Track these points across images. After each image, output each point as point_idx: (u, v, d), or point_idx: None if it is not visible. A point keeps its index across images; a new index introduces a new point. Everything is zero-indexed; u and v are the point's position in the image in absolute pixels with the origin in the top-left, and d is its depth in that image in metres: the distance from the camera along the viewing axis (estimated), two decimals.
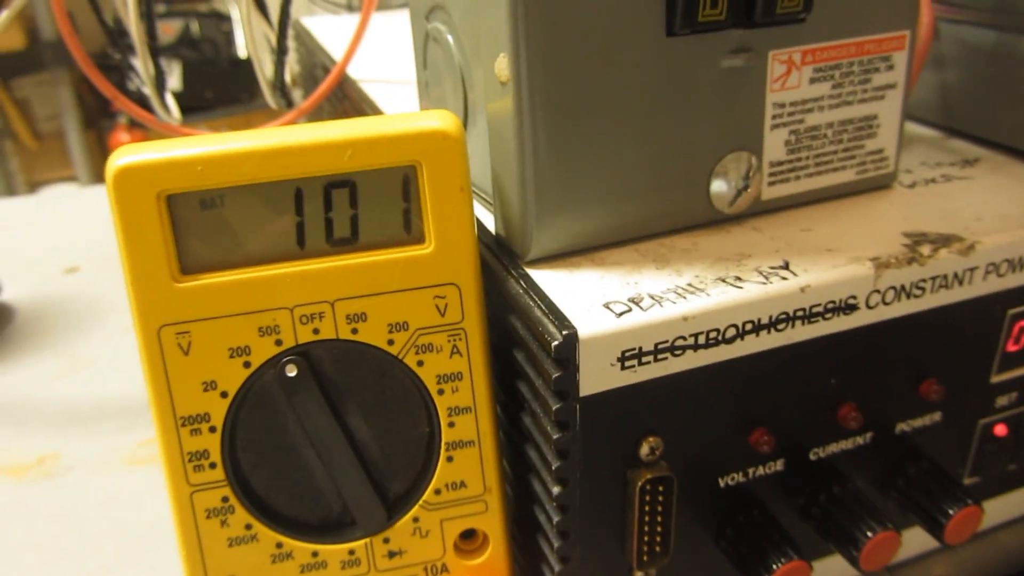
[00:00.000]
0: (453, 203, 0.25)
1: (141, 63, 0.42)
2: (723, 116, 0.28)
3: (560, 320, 0.24)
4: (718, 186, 0.28)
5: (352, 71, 0.49)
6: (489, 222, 0.29)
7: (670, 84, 0.26)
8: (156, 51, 0.43)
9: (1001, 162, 0.34)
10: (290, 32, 0.69)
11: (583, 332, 0.23)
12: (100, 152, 2.21)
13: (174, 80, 2.20)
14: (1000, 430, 0.32)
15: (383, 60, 0.53)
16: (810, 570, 0.27)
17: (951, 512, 0.29)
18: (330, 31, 0.63)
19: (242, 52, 2.11)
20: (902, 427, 0.30)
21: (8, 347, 0.52)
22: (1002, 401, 0.32)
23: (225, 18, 2.31)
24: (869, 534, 0.28)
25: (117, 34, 0.51)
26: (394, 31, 0.61)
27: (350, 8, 0.76)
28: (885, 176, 0.31)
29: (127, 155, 0.24)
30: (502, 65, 0.25)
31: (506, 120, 0.26)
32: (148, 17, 0.41)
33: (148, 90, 0.41)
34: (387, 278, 0.25)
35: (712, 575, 0.30)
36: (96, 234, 0.66)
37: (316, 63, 0.58)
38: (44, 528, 0.38)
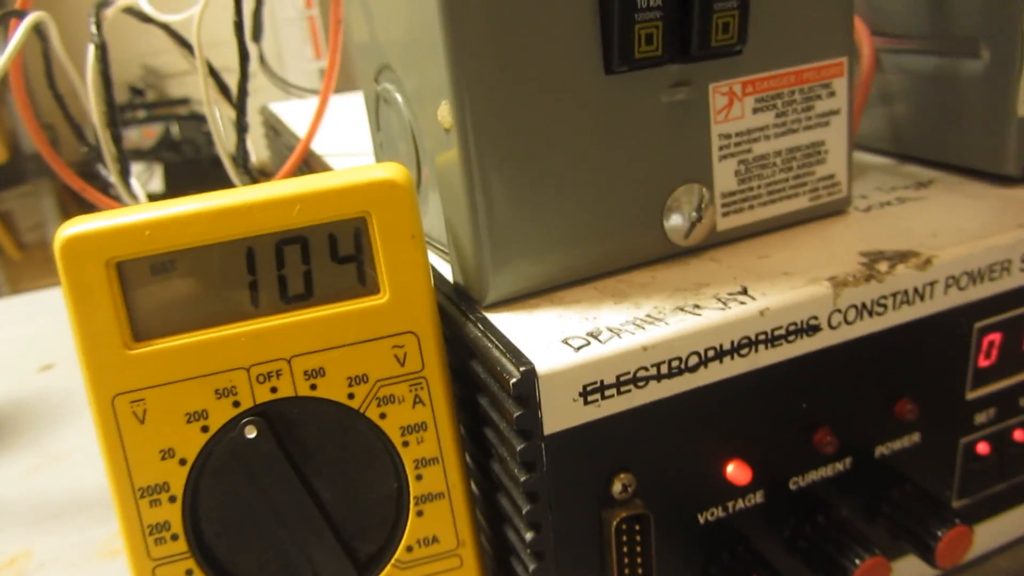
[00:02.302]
0: (405, 251, 0.25)
1: (103, 143, 0.42)
2: (670, 150, 0.28)
3: (518, 357, 0.24)
4: (672, 220, 0.29)
5: (318, 147, 0.49)
6: (447, 273, 0.29)
7: (614, 121, 0.27)
8: (119, 138, 0.43)
9: (954, 182, 0.35)
10: (259, 118, 0.70)
11: (541, 368, 0.23)
12: None
13: (156, 182, 2.22)
14: (983, 448, 0.32)
15: (349, 137, 0.54)
16: None
17: (939, 534, 0.28)
18: (297, 114, 0.64)
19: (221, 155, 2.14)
20: (881, 450, 0.30)
21: None
22: (981, 418, 0.32)
23: (204, 119, 2.35)
24: (857, 562, 0.27)
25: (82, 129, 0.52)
26: (362, 111, 0.62)
27: (317, 92, 0.77)
28: (839, 201, 0.32)
29: (74, 225, 0.24)
30: (444, 112, 0.25)
31: (453, 167, 0.26)
32: (110, 103, 0.42)
33: (111, 173, 0.42)
34: (343, 331, 0.25)
35: None
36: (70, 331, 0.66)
37: (284, 144, 0.59)
38: None
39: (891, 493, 0.30)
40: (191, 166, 2.25)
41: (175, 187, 2.15)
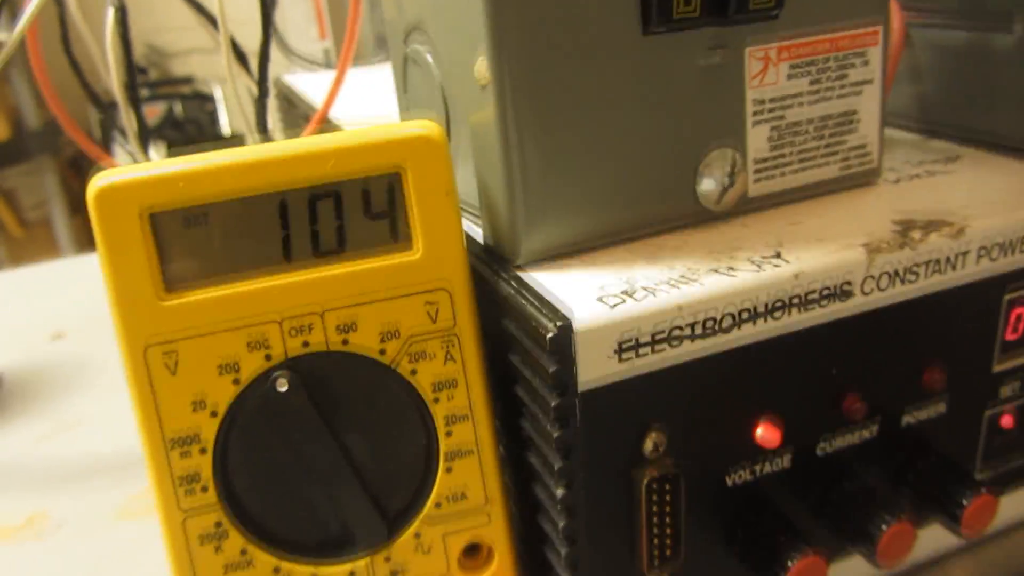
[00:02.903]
0: (439, 207, 0.25)
1: (124, 116, 0.42)
2: (704, 113, 0.28)
3: (554, 312, 0.23)
4: (705, 184, 0.28)
5: (335, 116, 0.49)
6: (478, 236, 0.29)
7: (649, 82, 0.27)
8: (139, 104, 0.43)
9: (983, 157, 0.34)
10: (272, 91, 0.70)
11: (578, 323, 0.23)
12: (88, 237, 2.21)
13: (157, 160, 2.21)
14: (1007, 421, 0.32)
15: (366, 107, 0.53)
16: (826, 565, 0.26)
17: (965, 502, 0.28)
18: (311, 85, 0.63)
19: (226, 130, 2.13)
20: (908, 419, 0.30)
21: None
22: (1006, 391, 0.31)
23: (208, 98, 2.34)
24: (884, 527, 0.27)
25: (102, 100, 0.51)
26: (374, 84, 0.62)
27: (328, 66, 0.77)
28: (869, 172, 0.31)
29: (109, 176, 0.23)
30: (481, 68, 0.25)
31: (489, 125, 0.26)
32: (130, 71, 0.42)
33: (130, 137, 0.41)
34: (376, 286, 0.25)
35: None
36: (80, 300, 0.66)
37: (299, 114, 0.59)
38: None
39: (917, 463, 0.30)
40: (194, 145, 2.24)
41: None
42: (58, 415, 0.50)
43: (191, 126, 2.38)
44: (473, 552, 0.27)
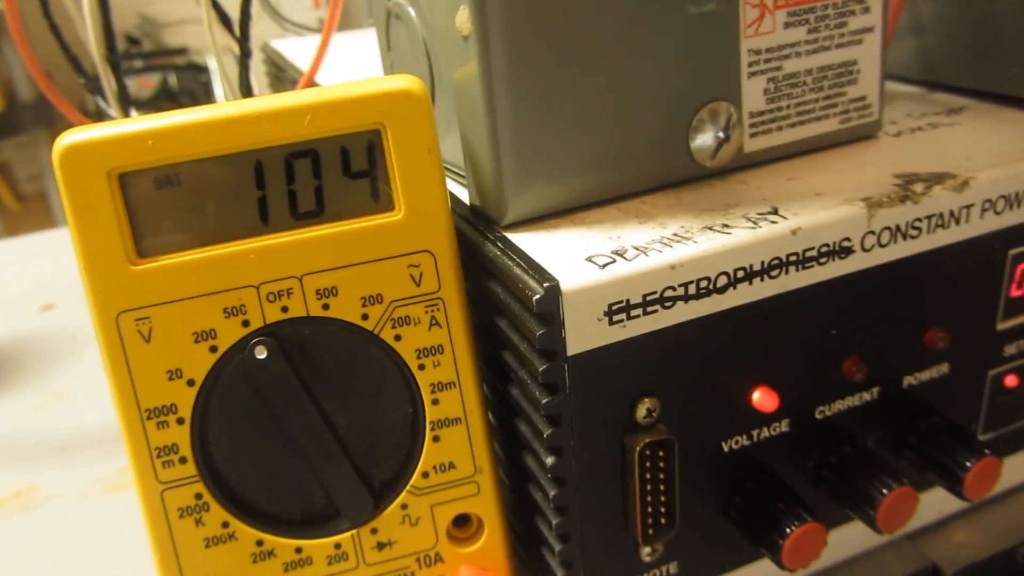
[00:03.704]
0: (421, 166, 0.24)
1: (103, 78, 0.41)
2: (697, 65, 0.27)
3: (540, 274, 0.23)
4: (698, 140, 0.27)
5: (323, 80, 0.48)
6: (463, 197, 0.28)
7: (639, 32, 0.25)
8: (118, 66, 0.42)
9: (987, 109, 0.33)
10: (261, 56, 0.68)
11: (565, 284, 0.22)
12: None
13: None
14: (1011, 381, 0.31)
15: (355, 72, 0.52)
16: (825, 532, 0.26)
17: (968, 464, 0.28)
18: (299, 50, 0.62)
19: (221, 100, 2.11)
20: (910, 380, 0.29)
21: None
22: (1011, 350, 0.31)
23: (202, 69, 2.32)
24: (885, 491, 0.26)
25: (81, 62, 0.50)
26: (365, 48, 0.61)
27: (319, 29, 0.75)
28: (870, 125, 0.30)
29: (75, 134, 0.22)
30: (463, 18, 0.24)
31: (472, 79, 0.24)
32: (108, 30, 0.40)
33: (111, 102, 0.40)
34: (357, 249, 0.24)
35: (723, 549, 0.28)
36: (71, 271, 0.65)
37: (286, 79, 0.57)
38: (22, 560, 0.36)
39: (919, 425, 0.29)
40: None
41: None
42: (47, 387, 0.50)
43: (185, 97, 2.35)
44: (463, 523, 0.27)
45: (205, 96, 2.21)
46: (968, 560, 0.32)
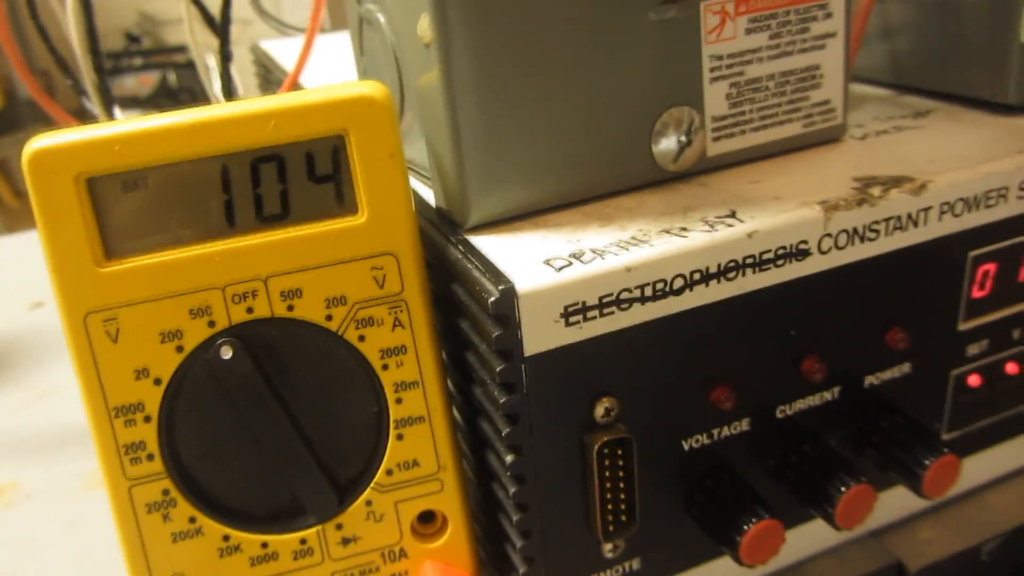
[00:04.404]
0: (384, 170, 0.24)
1: (85, 74, 0.42)
2: (660, 71, 0.27)
3: (497, 277, 0.23)
4: (661, 144, 0.28)
5: (309, 83, 0.48)
6: (430, 199, 0.29)
7: (600, 39, 0.26)
8: (101, 67, 0.42)
9: (954, 111, 0.34)
10: (250, 57, 0.68)
11: (521, 287, 0.23)
12: None
13: None
14: (974, 380, 0.32)
15: (343, 73, 0.53)
16: (783, 529, 0.26)
17: (926, 463, 0.28)
18: (288, 51, 0.62)
19: (219, 98, 2.12)
20: (871, 380, 0.29)
21: None
22: (973, 350, 0.31)
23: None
24: (843, 489, 0.27)
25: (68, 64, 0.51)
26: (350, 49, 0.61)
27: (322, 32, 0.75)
28: (834, 128, 0.31)
29: (42, 139, 0.23)
30: (424, 26, 0.24)
31: (434, 85, 0.25)
32: (91, 31, 0.41)
33: (93, 101, 0.41)
34: (320, 251, 0.24)
35: (686, 546, 0.29)
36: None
37: (273, 80, 0.58)
38: (3, 555, 0.36)
39: (880, 424, 0.30)
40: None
41: None
42: (34, 384, 0.50)
43: (185, 95, 2.36)
44: (427, 520, 0.27)
45: (204, 94, 2.21)
46: (932, 557, 0.32)
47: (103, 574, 0.35)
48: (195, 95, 2.27)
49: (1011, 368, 0.32)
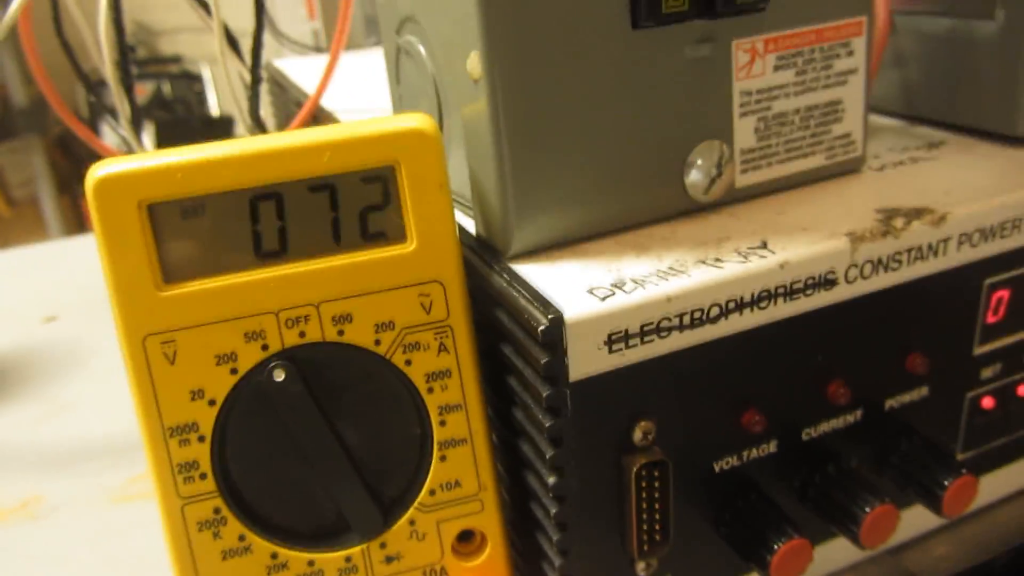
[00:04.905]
0: (433, 200, 0.25)
1: (116, 100, 0.42)
2: (692, 106, 0.28)
3: (545, 306, 0.24)
4: (692, 175, 0.29)
5: (326, 103, 0.49)
6: (471, 227, 0.30)
7: (638, 75, 0.27)
8: (131, 88, 0.43)
9: (966, 143, 0.35)
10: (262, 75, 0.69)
11: (569, 315, 0.24)
12: (75, 216, 2.21)
13: (147, 140, 2.20)
14: (987, 403, 0.33)
15: (357, 94, 0.54)
16: (811, 548, 0.27)
17: (946, 483, 0.29)
18: (302, 70, 0.63)
19: (214, 110, 2.12)
20: (891, 403, 0.30)
21: None
22: (987, 373, 0.32)
23: (196, 78, 2.32)
24: (867, 509, 0.28)
25: (92, 81, 0.51)
26: (366, 69, 0.62)
27: (318, 49, 0.76)
28: (854, 160, 0.32)
29: (107, 166, 0.24)
30: (474, 62, 0.25)
31: (481, 117, 0.26)
32: (122, 54, 0.42)
33: (122, 123, 0.42)
34: (371, 278, 0.25)
35: (715, 564, 0.30)
36: (72, 283, 0.66)
37: (290, 100, 0.59)
38: (31, 569, 0.37)
39: (900, 445, 0.31)
40: (182, 125, 2.22)
41: (167, 146, 2.12)
42: (52, 398, 0.51)
43: (179, 105, 2.36)
44: (467, 539, 0.28)
45: (199, 105, 2.21)
46: (947, 573, 0.33)
47: None
48: (189, 105, 2.28)
49: (1023, 390, 0.33)
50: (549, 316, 0.23)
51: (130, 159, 0.24)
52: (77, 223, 2.14)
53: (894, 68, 0.38)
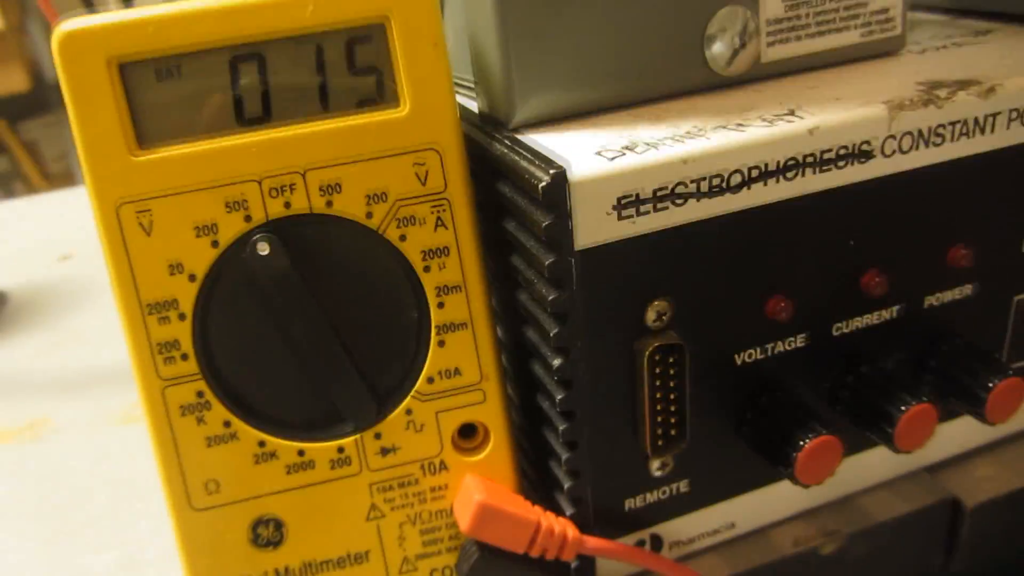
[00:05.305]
0: (427, 60, 0.23)
1: None
2: None
3: (548, 163, 0.22)
4: (714, 47, 0.27)
5: None
6: (473, 108, 0.28)
7: None
8: None
9: (1015, 30, 0.32)
10: None
11: (574, 173, 0.21)
12: None
13: None
14: None
15: None
16: (841, 445, 0.25)
17: (991, 384, 0.27)
18: None
19: None
20: (931, 300, 0.28)
21: (1, 327, 0.51)
22: None
23: None
24: (903, 408, 0.26)
25: None
26: None
27: None
28: (893, 39, 0.29)
29: (75, 21, 0.22)
30: None
31: None
32: None
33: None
34: (360, 144, 0.23)
35: (737, 470, 0.28)
36: (88, 225, 0.65)
37: None
38: (34, 485, 0.36)
39: (941, 347, 0.28)
40: None
41: None
42: (63, 329, 0.50)
43: None
44: (468, 435, 0.26)
45: None
46: (990, 494, 0.31)
47: (135, 499, 0.34)
48: None
49: None
50: (551, 172, 0.21)
51: (100, 15, 0.22)
52: None
53: None
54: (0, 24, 1.86)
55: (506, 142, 0.24)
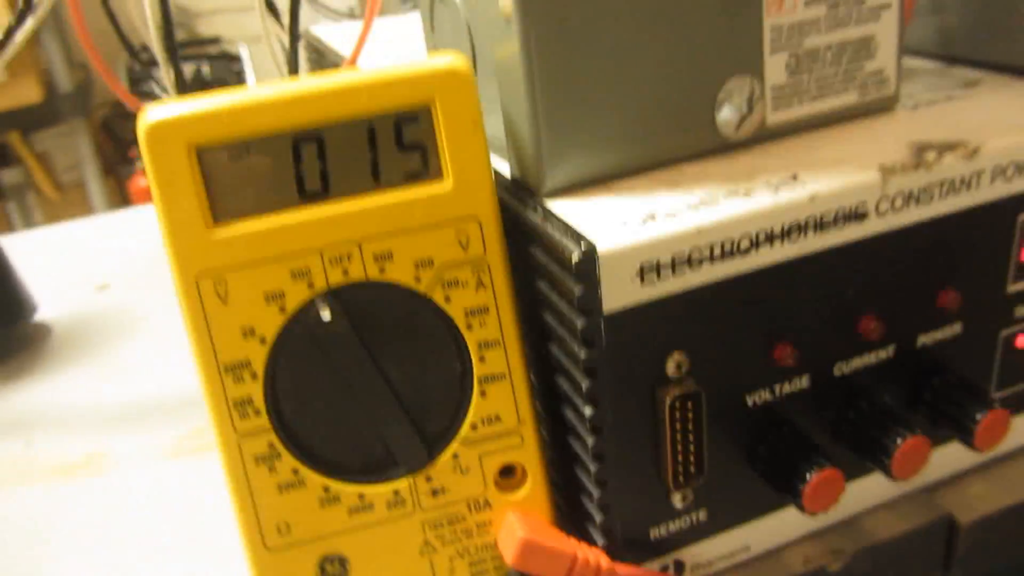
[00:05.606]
0: (468, 138, 0.26)
1: (162, 68, 0.43)
2: (723, 41, 0.28)
3: (579, 239, 0.25)
4: (723, 113, 0.29)
5: (362, 65, 0.50)
6: (506, 172, 0.30)
7: (668, 12, 0.27)
8: (175, 52, 0.44)
9: (1003, 81, 0.35)
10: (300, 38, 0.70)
11: (601, 247, 0.24)
12: (120, 198, 2.25)
13: None
14: (1022, 342, 0.33)
15: (392, 56, 0.54)
16: (843, 478, 0.28)
17: (979, 417, 0.29)
18: (338, 35, 0.64)
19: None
20: (924, 339, 0.31)
21: (47, 361, 0.53)
22: (1021, 311, 0.32)
23: (235, 59, 2.34)
24: (899, 440, 0.28)
25: (138, 49, 0.53)
26: (401, 33, 0.63)
27: (352, 15, 0.77)
28: (887, 98, 0.32)
29: (158, 111, 0.25)
30: (505, 1, 0.26)
31: (513, 58, 0.27)
32: (167, 20, 0.43)
33: (170, 91, 0.43)
34: (409, 216, 0.26)
35: (749, 498, 0.30)
36: (122, 252, 0.68)
37: (327, 64, 0.60)
38: (99, 518, 0.38)
39: (932, 382, 0.31)
40: None
41: None
42: (108, 362, 0.53)
43: (219, 86, 2.38)
44: (508, 474, 0.29)
45: (238, 84, 2.24)
46: (983, 512, 0.33)
47: (197, 528, 0.37)
48: (229, 86, 2.30)
49: None
50: (583, 248, 0.24)
51: (178, 104, 0.25)
52: (123, 204, 2.18)
53: (931, 10, 0.38)
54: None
55: (539, 212, 0.27)
